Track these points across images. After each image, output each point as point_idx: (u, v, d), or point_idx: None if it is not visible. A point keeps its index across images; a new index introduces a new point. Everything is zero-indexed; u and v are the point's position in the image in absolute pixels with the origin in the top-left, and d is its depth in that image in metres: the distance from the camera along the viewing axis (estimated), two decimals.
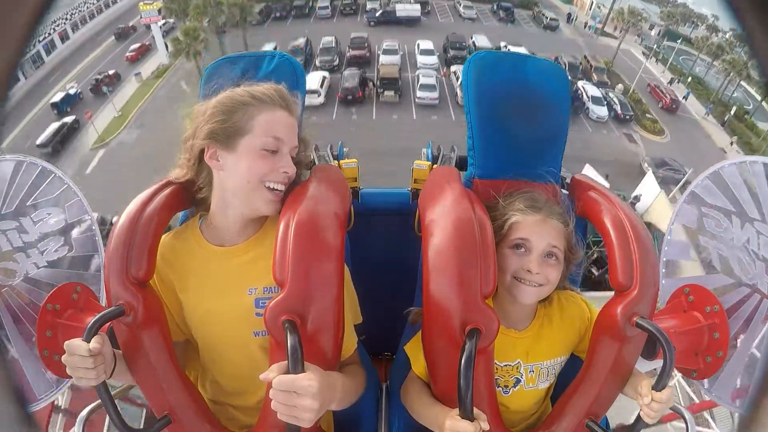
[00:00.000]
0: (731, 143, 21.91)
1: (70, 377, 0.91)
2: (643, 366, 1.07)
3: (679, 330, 1.12)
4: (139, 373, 1.00)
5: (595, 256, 11.80)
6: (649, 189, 14.40)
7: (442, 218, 1.01)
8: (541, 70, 1.28)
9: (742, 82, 25.34)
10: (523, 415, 1.17)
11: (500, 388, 1.10)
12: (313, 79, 20.67)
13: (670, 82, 26.36)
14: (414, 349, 1.11)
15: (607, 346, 1.01)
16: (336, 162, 1.46)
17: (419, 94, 21.30)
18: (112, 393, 0.93)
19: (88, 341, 0.87)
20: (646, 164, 17.49)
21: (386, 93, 21.52)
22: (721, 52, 26.22)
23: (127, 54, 26.30)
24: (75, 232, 1.37)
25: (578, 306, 1.17)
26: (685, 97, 25.15)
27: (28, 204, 1.36)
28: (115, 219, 1.05)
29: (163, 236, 1.07)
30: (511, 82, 1.25)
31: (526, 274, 1.04)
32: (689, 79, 26.82)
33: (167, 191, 1.08)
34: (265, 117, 1.01)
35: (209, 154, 1.02)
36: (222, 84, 1.10)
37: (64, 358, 0.89)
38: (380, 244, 1.54)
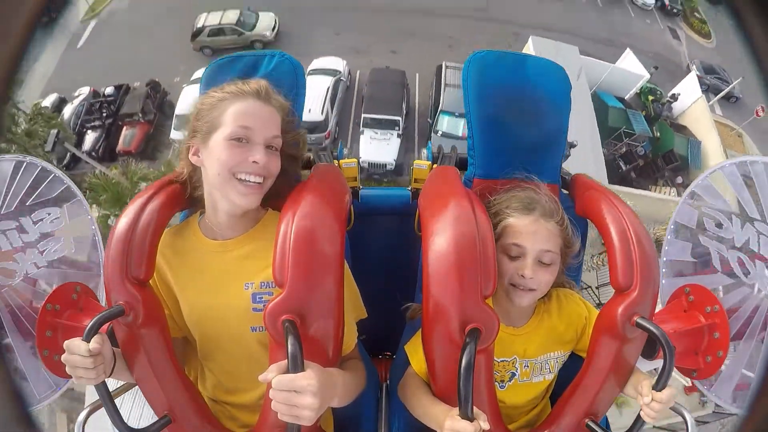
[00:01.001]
0: None
1: (70, 377, 0.91)
2: (643, 366, 1.07)
3: (679, 330, 1.12)
4: (139, 372, 1.00)
5: (624, 150, 12.04)
6: (689, 90, 13.64)
7: (443, 218, 1.01)
8: (541, 69, 1.28)
9: None
10: (520, 411, 1.17)
11: (496, 383, 1.10)
12: None
13: None
14: (413, 347, 1.11)
15: (607, 345, 1.01)
16: (336, 162, 1.46)
17: None
18: (112, 392, 0.93)
19: (88, 341, 0.87)
20: (694, 66, 16.00)
21: None
22: None
23: None
24: None
25: (576, 304, 1.17)
26: None
27: (28, 204, 1.36)
28: (115, 219, 1.05)
29: (164, 232, 1.07)
30: (511, 81, 1.25)
31: (519, 279, 1.04)
32: None
33: (167, 191, 1.08)
34: (235, 108, 1.01)
35: (192, 151, 1.04)
36: (221, 83, 1.10)
37: (63, 357, 0.89)
38: (380, 244, 1.54)
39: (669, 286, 1.27)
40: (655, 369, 1.05)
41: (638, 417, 0.96)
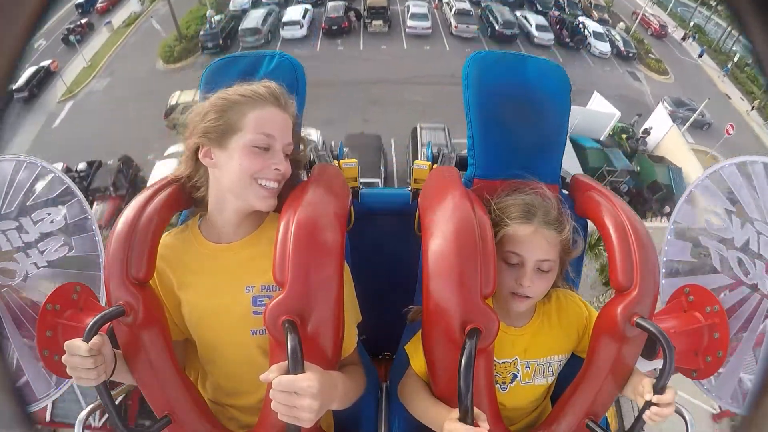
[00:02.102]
0: (752, 108, 20.60)
1: (71, 377, 0.91)
2: (643, 366, 1.07)
3: (679, 330, 1.12)
4: (139, 373, 0.99)
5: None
6: (659, 122, 14.00)
7: (443, 218, 1.01)
8: (541, 70, 1.28)
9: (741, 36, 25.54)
10: (521, 413, 1.17)
11: (498, 385, 1.10)
12: (295, 11, 19.64)
13: (683, 38, 25.33)
14: (413, 348, 1.11)
15: (607, 346, 1.01)
16: (336, 162, 1.46)
17: (410, 23, 20.00)
18: (112, 393, 0.93)
19: (88, 341, 0.87)
20: (665, 102, 16.64)
21: (374, 23, 19.96)
22: None
23: (98, 5, 23.31)
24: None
25: (577, 305, 1.17)
26: (700, 55, 24.38)
27: (28, 204, 1.36)
28: (116, 219, 1.05)
29: (163, 236, 1.07)
30: (511, 81, 1.25)
31: (518, 287, 1.04)
32: (691, 24, 26.31)
33: (167, 191, 1.08)
34: (256, 114, 1.01)
35: (203, 152, 1.03)
36: (221, 84, 1.10)
37: (64, 358, 0.89)
38: (380, 244, 1.54)
39: (669, 286, 1.27)
40: (655, 369, 1.04)
41: (638, 417, 0.95)
